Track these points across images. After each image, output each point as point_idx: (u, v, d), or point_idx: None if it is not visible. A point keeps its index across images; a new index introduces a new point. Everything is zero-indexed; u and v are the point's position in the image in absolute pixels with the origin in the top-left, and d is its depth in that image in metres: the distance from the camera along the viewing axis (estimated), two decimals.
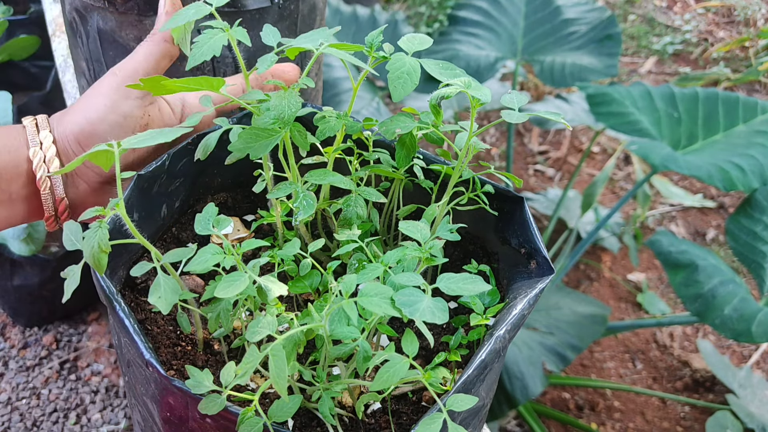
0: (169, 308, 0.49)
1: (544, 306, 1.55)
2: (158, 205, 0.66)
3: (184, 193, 0.70)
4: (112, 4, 0.79)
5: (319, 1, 0.91)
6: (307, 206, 0.58)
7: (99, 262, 0.48)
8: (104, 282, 0.52)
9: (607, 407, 1.77)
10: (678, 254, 1.37)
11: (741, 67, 2.96)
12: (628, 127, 1.54)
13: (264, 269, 0.68)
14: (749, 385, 1.67)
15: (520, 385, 1.31)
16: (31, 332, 1.59)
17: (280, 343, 0.44)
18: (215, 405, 0.46)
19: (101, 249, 0.48)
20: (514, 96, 0.58)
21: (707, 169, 1.41)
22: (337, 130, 0.60)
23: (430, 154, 0.68)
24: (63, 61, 1.22)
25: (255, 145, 0.54)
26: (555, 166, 2.55)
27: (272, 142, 0.54)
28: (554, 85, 1.76)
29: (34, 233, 1.25)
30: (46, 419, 1.41)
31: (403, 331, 0.66)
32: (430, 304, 0.46)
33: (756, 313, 1.23)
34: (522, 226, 0.63)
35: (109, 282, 0.53)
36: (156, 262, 0.51)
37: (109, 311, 0.54)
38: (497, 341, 0.52)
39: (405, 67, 0.54)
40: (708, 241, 2.29)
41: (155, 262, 0.51)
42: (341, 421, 0.56)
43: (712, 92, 1.61)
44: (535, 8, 1.95)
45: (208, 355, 0.60)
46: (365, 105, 1.75)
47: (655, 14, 3.34)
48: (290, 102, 0.54)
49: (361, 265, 0.59)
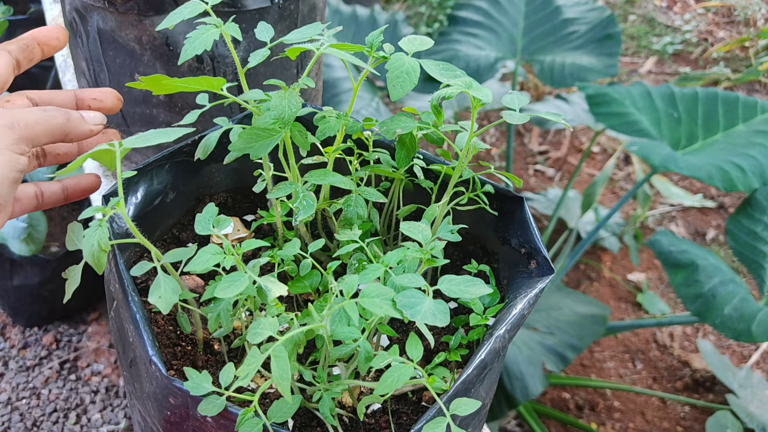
0: (169, 308, 0.49)
1: (544, 306, 1.55)
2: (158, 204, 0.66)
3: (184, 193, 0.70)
4: (112, 4, 0.78)
5: (319, 1, 0.91)
6: (307, 206, 0.57)
7: (98, 261, 0.48)
8: (124, 272, 0.52)
9: (607, 407, 1.77)
10: (678, 254, 1.37)
11: (741, 67, 2.96)
12: (628, 127, 1.54)
13: (264, 269, 0.68)
14: (749, 385, 1.67)
15: (520, 385, 1.31)
16: (31, 332, 1.59)
17: (281, 344, 0.44)
18: (215, 406, 0.46)
19: (101, 248, 0.47)
20: (515, 96, 0.58)
21: (707, 169, 1.41)
22: (337, 130, 0.60)
23: (430, 155, 0.68)
24: (63, 61, 1.22)
25: (255, 145, 0.54)
26: (555, 166, 2.55)
27: (272, 141, 0.54)
28: (554, 85, 1.76)
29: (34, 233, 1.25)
30: (46, 419, 1.41)
31: (404, 330, 0.66)
32: (431, 306, 0.46)
33: (756, 313, 1.23)
34: (522, 226, 0.63)
35: (127, 273, 0.53)
36: (156, 262, 0.51)
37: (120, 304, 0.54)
38: (497, 341, 0.52)
39: (404, 67, 0.54)
40: (708, 241, 2.29)
41: (155, 261, 0.51)
42: (341, 421, 0.56)
43: (711, 92, 1.61)
44: (535, 8, 1.95)
45: (208, 355, 0.60)
46: (365, 105, 1.75)
47: (655, 14, 3.34)
48: (291, 102, 0.53)
49: (362, 265, 0.59)
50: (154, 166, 0.64)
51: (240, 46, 0.83)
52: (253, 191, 0.65)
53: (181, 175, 0.68)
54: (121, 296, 0.53)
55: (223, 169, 0.73)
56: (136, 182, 0.62)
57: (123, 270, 0.52)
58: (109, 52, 0.85)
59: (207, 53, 0.83)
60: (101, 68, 0.87)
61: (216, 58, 0.84)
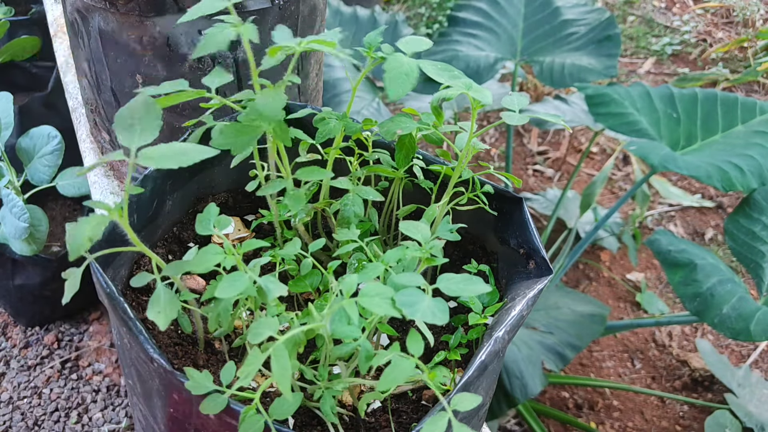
0: (168, 323, 0.48)
1: (544, 305, 1.55)
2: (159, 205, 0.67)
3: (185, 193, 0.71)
4: (113, 5, 0.79)
5: (320, 2, 0.91)
6: (294, 202, 0.57)
7: (77, 249, 0.43)
8: (105, 282, 0.53)
9: (606, 406, 1.78)
10: (677, 253, 1.38)
11: (739, 68, 2.96)
12: (627, 128, 1.54)
13: (264, 269, 0.68)
14: (748, 384, 1.67)
15: (519, 384, 1.32)
16: (33, 332, 1.59)
17: (282, 344, 0.45)
18: (216, 405, 0.46)
19: (88, 237, 0.43)
20: (515, 98, 0.58)
21: (706, 169, 1.41)
22: (337, 132, 0.60)
23: (429, 155, 0.68)
24: (64, 61, 1.22)
25: (236, 141, 0.53)
26: (554, 166, 2.55)
27: (254, 137, 0.54)
28: (553, 85, 1.76)
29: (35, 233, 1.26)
30: (48, 418, 1.41)
31: (403, 329, 0.67)
32: (430, 304, 0.46)
33: (754, 312, 1.24)
34: (521, 227, 0.63)
35: (110, 282, 0.53)
36: (156, 273, 0.51)
37: (112, 311, 0.54)
38: (496, 342, 0.52)
39: (403, 68, 0.54)
40: (707, 241, 2.30)
41: (155, 272, 0.51)
42: (341, 419, 0.57)
43: (710, 93, 1.61)
44: (534, 9, 1.95)
45: (209, 355, 0.60)
46: (365, 105, 1.75)
47: (654, 15, 3.34)
48: (274, 98, 0.53)
49: (361, 264, 0.59)
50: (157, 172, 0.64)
51: (240, 47, 0.84)
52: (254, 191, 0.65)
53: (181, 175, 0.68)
54: (110, 306, 0.53)
55: (223, 169, 0.73)
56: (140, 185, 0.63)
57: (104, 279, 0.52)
58: (110, 53, 0.85)
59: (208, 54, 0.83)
60: (102, 69, 0.88)
61: (216, 59, 0.84)
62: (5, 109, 1.25)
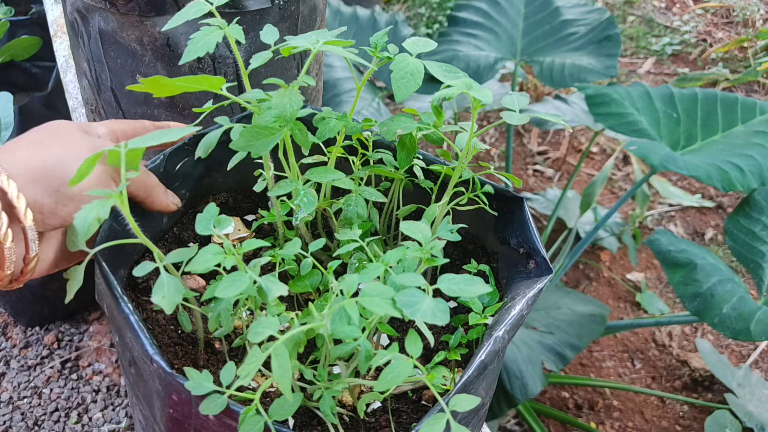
0: (173, 308, 0.49)
1: (544, 305, 1.55)
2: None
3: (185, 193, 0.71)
4: (113, 5, 0.79)
5: (320, 2, 0.91)
6: (308, 203, 0.58)
7: (87, 231, 0.44)
8: (110, 279, 0.53)
9: (606, 406, 1.78)
10: (677, 253, 1.38)
11: (740, 68, 2.96)
12: (627, 128, 1.54)
13: (265, 269, 0.68)
14: (748, 384, 1.67)
15: (519, 384, 1.32)
16: (33, 332, 1.59)
17: (282, 343, 0.45)
18: (216, 405, 0.46)
19: (96, 218, 0.44)
20: (515, 97, 0.58)
21: (706, 169, 1.41)
22: (337, 131, 0.60)
23: (430, 155, 0.68)
24: (64, 61, 1.22)
25: (256, 143, 0.54)
26: (554, 166, 2.55)
27: (274, 140, 0.54)
28: (553, 85, 1.77)
29: None
30: (48, 418, 1.41)
31: (403, 329, 0.67)
32: (431, 304, 0.46)
33: (754, 312, 1.24)
34: (521, 226, 0.63)
35: (114, 279, 0.53)
36: (159, 262, 0.51)
37: (113, 309, 0.54)
38: (496, 342, 0.52)
39: (409, 68, 0.55)
40: (707, 241, 2.30)
41: (158, 261, 0.52)
42: (341, 419, 0.57)
43: (710, 93, 1.61)
44: (534, 9, 1.95)
45: (209, 354, 0.60)
46: (366, 105, 1.75)
47: (654, 15, 3.34)
48: (292, 100, 0.54)
49: (362, 264, 0.59)
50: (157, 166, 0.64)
51: (241, 48, 0.84)
52: (254, 191, 0.65)
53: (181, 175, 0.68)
54: (112, 301, 0.53)
55: (224, 169, 0.73)
56: None
57: (108, 276, 0.52)
58: (110, 53, 0.85)
59: (208, 54, 0.83)
60: (102, 69, 0.88)
61: (217, 59, 0.84)
62: (5, 109, 1.25)
